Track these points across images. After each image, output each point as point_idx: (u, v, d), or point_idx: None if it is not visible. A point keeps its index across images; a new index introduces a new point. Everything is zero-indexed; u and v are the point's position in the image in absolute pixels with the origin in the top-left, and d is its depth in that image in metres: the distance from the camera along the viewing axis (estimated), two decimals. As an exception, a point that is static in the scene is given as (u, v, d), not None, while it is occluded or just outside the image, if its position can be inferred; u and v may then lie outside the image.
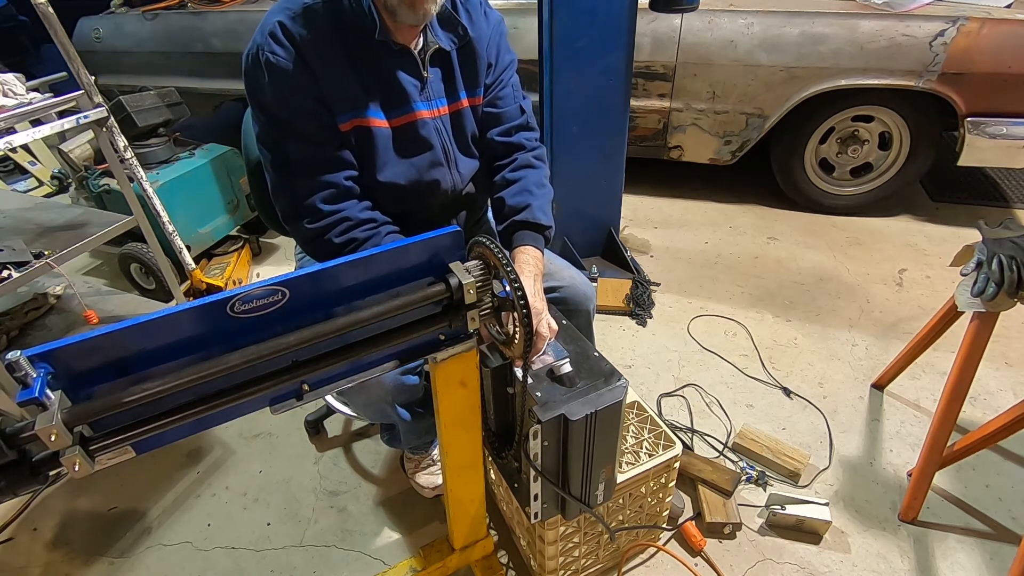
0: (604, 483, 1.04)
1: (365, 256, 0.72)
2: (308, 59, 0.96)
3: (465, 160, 1.16)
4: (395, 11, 0.95)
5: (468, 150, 1.17)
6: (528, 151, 1.18)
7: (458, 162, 1.15)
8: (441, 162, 1.12)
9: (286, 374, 0.67)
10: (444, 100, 1.10)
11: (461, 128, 1.14)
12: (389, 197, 1.10)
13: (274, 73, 0.96)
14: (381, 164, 1.06)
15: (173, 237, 2.12)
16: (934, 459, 1.33)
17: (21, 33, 4.74)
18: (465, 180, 1.17)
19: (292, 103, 0.98)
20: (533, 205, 1.11)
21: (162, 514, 1.53)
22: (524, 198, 1.11)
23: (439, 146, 1.11)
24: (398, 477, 1.57)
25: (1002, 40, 2.08)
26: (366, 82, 1.01)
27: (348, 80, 1.00)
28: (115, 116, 1.87)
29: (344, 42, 0.99)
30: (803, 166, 2.63)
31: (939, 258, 2.36)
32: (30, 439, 0.56)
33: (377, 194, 1.09)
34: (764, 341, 1.98)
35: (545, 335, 0.97)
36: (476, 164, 1.19)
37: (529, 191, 1.13)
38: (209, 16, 3.00)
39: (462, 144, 1.16)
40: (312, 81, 0.97)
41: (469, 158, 1.18)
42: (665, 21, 2.40)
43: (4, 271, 1.47)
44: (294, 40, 0.96)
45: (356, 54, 1.00)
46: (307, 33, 0.96)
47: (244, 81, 1.00)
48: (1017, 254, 1.14)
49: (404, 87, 1.05)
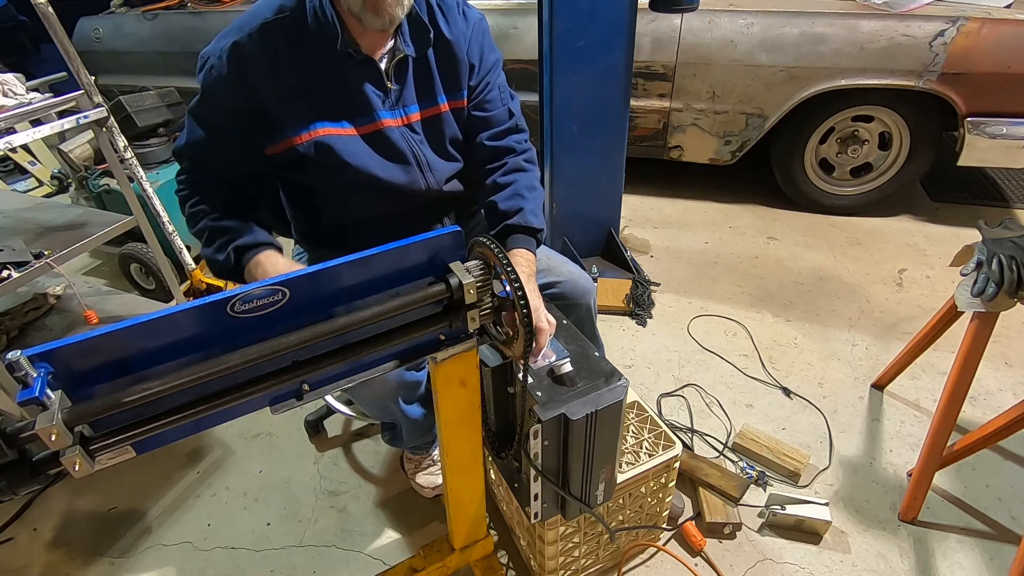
0: (604, 483, 1.04)
1: (365, 256, 0.72)
2: (253, 80, 0.98)
3: (440, 162, 1.16)
4: (360, 16, 0.95)
5: (445, 153, 1.17)
6: (518, 154, 1.18)
7: (431, 165, 1.15)
8: (412, 165, 1.12)
9: (286, 374, 0.67)
10: (416, 107, 1.10)
11: (438, 133, 1.14)
12: (371, 195, 1.11)
13: (210, 87, 1.00)
14: (354, 161, 1.06)
15: (173, 237, 2.11)
16: (934, 459, 1.33)
17: (21, 33, 4.74)
18: (441, 182, 1.17)
19: (214, 121, 1.03)
20: (525, 209, 1.11)
21: (162, 514, 1.53)
22: (516, 202, 1.12)
23: (408, 151, 1.11)
24: (398, 477, 1.56)
25: (1002, 40, 2.08)
26: (326, 94, 1.02)
27: (304, 95, 1.01)
28: (115, 116, 1.87)
29: (303, 57, 1.00)
30: (803, 166, 2.63)
31: (939, 258, 2.36)
32: (30, 439, 0.56)
33: (359, 195, 1.11)
34: (764, 341, 1.98)
35: (545, 329, 0.97)
36: (455, 166, 1.19)
37: (521, 195, 1.13)
38: (209, 16, 3.00)
39: (438, 148, 1.15)
40: (248, 104, 1.00)
41: (447, 160, 1.17)
42: (665, 21, 2.40)
43: (4, 271, 1.47)
44: (242, 62, 0.98)
45: (315, 68, 1.01)
46: (261, 51, 0.97)
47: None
48: (1017, 254, 1.14)
49: (368, 98, 1.05)
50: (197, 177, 1.08)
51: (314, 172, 1.09)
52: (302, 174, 1.11)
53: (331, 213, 1.18)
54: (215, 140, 1.04)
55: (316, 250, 1.29)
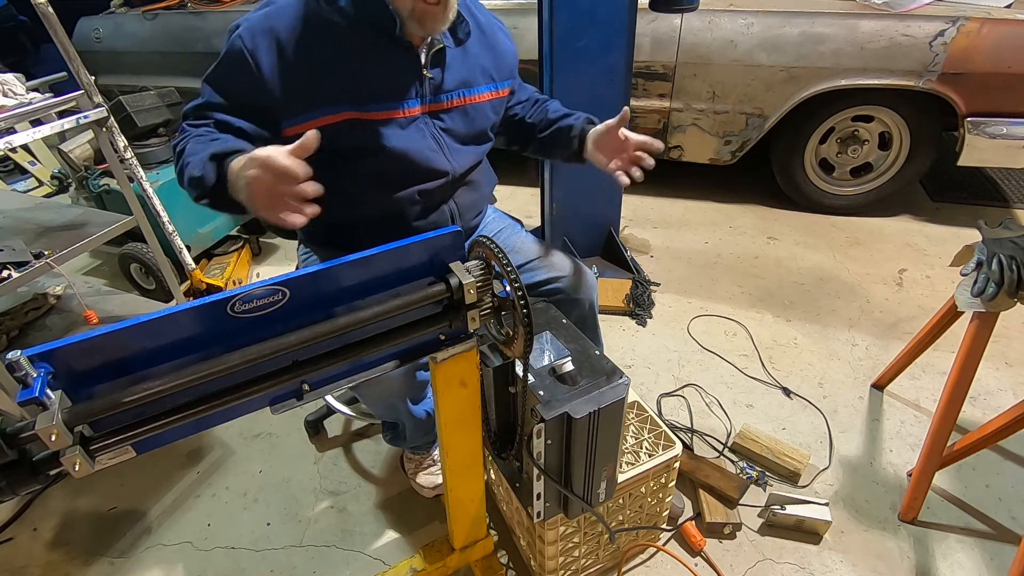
0: (606, 481, 1.04)
1: (365, 256, 0.72)
2: (288, 53, 0.98)
3: (464, 149, 1.17)
4: (405, 22, 0.99)
5: (472, 141, 1.18)
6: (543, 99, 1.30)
7: (456, 152, 1.16)
8: (439, 152, 1.13)
9: (286, 374, 0.67)
10: (449, 95, 1.12)
11: (469, 121, 1.16)
12: (390, 183, 1.11)
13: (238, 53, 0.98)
14: (384, 143, 1.07)
15: (173, 237, 2.12)
16: (934, 459, 1.33)
17: (21, 33, 4.74)
18: (463, 168, 1.18)
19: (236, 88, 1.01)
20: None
21: (162, 514, 1.53)
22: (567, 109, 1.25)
23: (436, 138, 1.12)
24: (398, 477, 1.56)
25: (1002, 40, 2.08)
26: (363, 77, 1.02)
27: (340, 76, 1.01)
28: (115, 116, 1.87)
29: (345, 38, 1.00)
30: (803, 166, 2.63)
31: (939, 258, 2.36)
32: (30, 439, 0.56)
33: (378, 186, 1.11)
34: (764, 341, 1.98)
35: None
36: (478, 153, 1.21)
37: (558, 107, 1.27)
38: (209, 16, 3.00)
39: (466, 136, 1.17)
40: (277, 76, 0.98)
41: (470, 146, 1.18)
42: (665, 21, 2.40)
43: (4, 271, 1.47)
44: (279, 32, 0.97)
45: (355, 51, 1.01)
46: (299, 25, 0.98)
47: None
48: (1017, 254, 1.14)
49: (404, 84, 1.06)
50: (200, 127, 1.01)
51: (334, 157, 1.07)
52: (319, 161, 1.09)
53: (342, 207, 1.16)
54: (233, 107, 1.01)
55: (323, 250, 1.28)
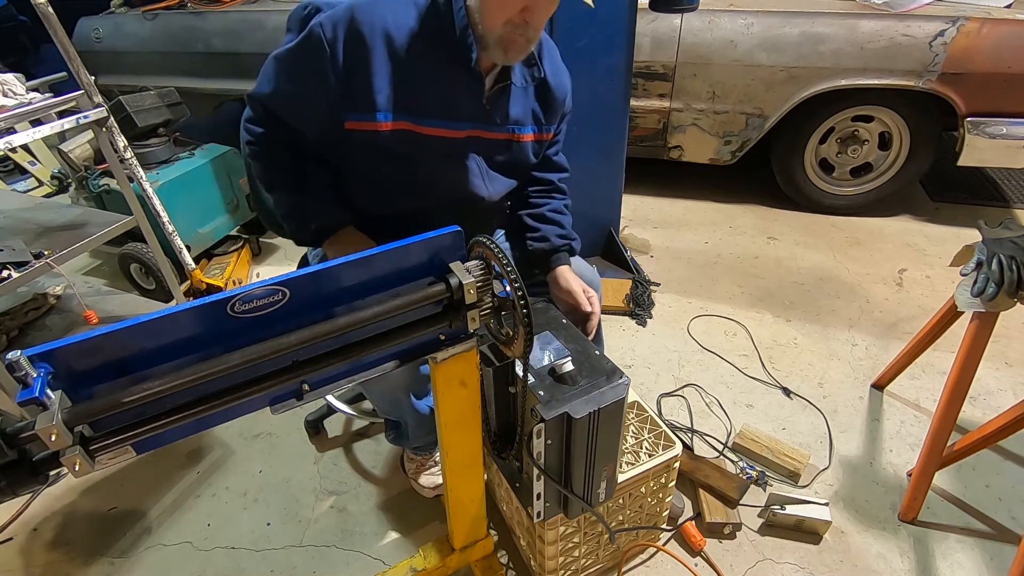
0: (606, 481, 1.04)
1: (365, 256, 0.72)
2: (370, 48, 1.00)
3: (501, 179, 1.21)
4: (487, 48, 1.01)
5: (509, 173, 1.22)
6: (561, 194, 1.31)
7: (494, 180, 1.19)
8: (479, 177, 1.16)
9: (286, 374, 0.67)
10: (502, 127, 1.14)
11: (511, 156, 1.19)
12: (434, 195, 1.14)
13: (316, 37, 1.00)
14: (432, 156, 1.10)
15: (173, 237, 2.12)
16: (934, 459, 1.33)
17: (21, 33, 4.73)
18: (499, 194, 1.21)
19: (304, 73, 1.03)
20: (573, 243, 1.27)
21: (162, 514, 1.53)
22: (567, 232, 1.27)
23: (480, 165, 1.16)
24: (398, 477, 1.56)
25: (1002, 40, 2.08)
26: (429, 92, 1.05)
27: (409, 85, 1.04)
28: (115, 116, 1.87)
29: (425, 51, 1.03)
30: (803, 166, 2.63)
31: (939, 258, 2.36)
32: (30, 439, 0.56)
33: (423, 190, 1.13)
34: (764, 341, 1.98)
35: (596, 312, 1.17)
36: (511, 185, 1.24)
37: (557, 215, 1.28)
38: (209, 16, 2.99)
39: (505, 167, 1.20)
40: (350, 68, 1.00)
41: (506, 176, 1.22)
42: (665, 21, 2.40)
43: (4, 271, 1.47)
44: (370, 25, 0.99)
45: (431, 66, 1.04)
46: (388, 26, 1.00)
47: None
48: (1017, 254, 1.14)
49: (463, 108, 1.09)
50: (269, 130, 1.10)
51: (380, 160, 1.10)
52: (364, 159, 1.11)
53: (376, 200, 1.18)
54: (299, 93, 1.05)
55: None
